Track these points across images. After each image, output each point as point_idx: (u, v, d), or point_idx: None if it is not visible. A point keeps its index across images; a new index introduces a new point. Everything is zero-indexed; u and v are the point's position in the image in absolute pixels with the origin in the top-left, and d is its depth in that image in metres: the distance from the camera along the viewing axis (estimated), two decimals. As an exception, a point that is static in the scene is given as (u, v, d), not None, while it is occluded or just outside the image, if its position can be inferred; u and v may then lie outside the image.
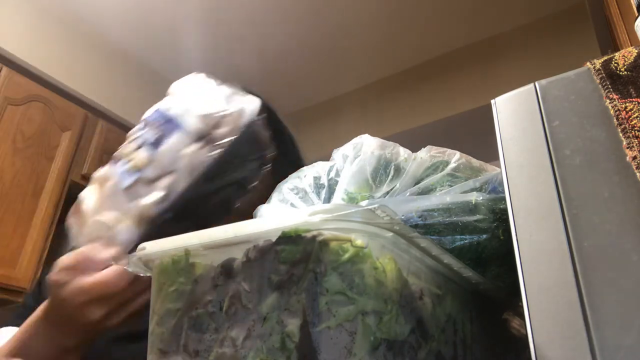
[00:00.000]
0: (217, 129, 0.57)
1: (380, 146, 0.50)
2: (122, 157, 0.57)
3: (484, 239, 0.43)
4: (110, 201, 0.54)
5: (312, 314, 0.28)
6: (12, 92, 2.10)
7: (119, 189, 0.54)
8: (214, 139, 0.57)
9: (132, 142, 0.58)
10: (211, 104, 0.59)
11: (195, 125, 0.57)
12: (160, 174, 0.55)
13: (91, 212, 0.55)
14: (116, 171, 0.55)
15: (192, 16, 2.51)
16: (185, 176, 0.54)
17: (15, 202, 2.04)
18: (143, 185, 0.54)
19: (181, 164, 0.55)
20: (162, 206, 0.53)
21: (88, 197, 0.56)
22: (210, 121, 0.57)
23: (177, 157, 0.55)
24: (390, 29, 2.56)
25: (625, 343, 0.30)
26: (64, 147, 2.26)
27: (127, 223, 0.53)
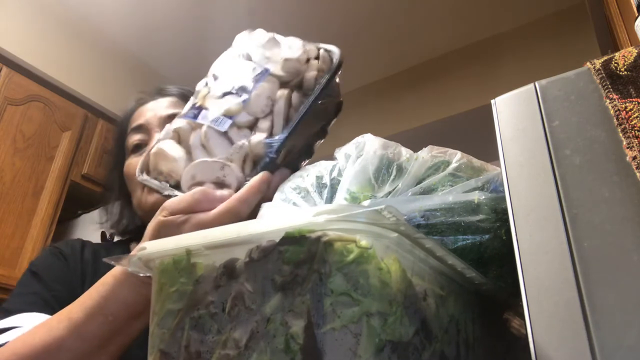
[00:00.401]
0: (305, 72, 0.58)
1: (382, 146, 0.50)
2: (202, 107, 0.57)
3: (486, 239, 0.43)
4: (210, 145, 0.54)
5: (317, 315, 0.28)
6: (12, 92, 2.10)
7: (216, 134, 0.54)
8: (304, 83, 0.58)
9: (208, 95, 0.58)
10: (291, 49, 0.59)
11: (282, 70, 0.58)
12: (255, 118, 0.55)
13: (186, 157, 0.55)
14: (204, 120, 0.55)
15: (192, 16, 2.51)
16: (283, 118, 0.55)
17: (15, 202, 2.04)
18: (238, 130, 0.55)
19: (276, 107, 0.55)
20: (269, 147, 0.53)
21: (170, 147, 0.56)
22: (296, 65, 0.58)
23: (270, 101, 0.56)
24: (391, 29, 2.56)
25: (625, 343, 0.30)
26: (64, 147, 2.26)
27: (234, 164, 0.53)
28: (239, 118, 0.55)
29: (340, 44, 1.83)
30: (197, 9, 2.47)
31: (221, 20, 2.52)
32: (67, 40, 2.49)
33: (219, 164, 0.53)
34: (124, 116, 0.86)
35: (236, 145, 0.54)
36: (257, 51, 0.60)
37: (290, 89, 0.57)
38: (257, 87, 0.56)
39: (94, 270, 0.75)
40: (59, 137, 2.26)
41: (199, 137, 0.55)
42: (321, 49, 0.61)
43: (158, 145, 0.57)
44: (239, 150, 0.53)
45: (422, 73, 2.78)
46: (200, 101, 0.58)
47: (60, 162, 2.23)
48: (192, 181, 0.53)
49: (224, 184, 0.52)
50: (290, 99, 0.56)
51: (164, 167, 0.55)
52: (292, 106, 0.57)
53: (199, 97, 0.59)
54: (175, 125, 0.58)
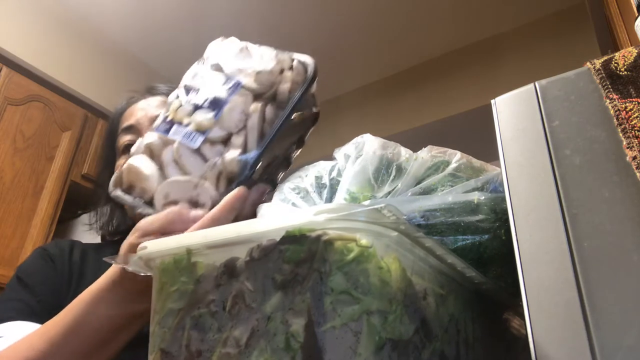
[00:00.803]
0: (279, 85, 0.57)
1: (382, 146, 0.50)
2: (173, 122, 0.56)
3: (486, 239, 0.43)
4: (183, 162, 0.53)
5: (317, 314, 0.28)
6: (12, 92, 2.11)
7: (188, 151, 0.53)
8: (278, 96, 0.57)
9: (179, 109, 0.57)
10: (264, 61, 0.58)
11: (255, 83, 0.56)
12: (229, 133, 0.54)
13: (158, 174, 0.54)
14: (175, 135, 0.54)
15: (192, 17, 2.51)
16: (257, 133, 0.54)
17: (15, 202, 2.04)
18: (211, 145, 0.54)
19: (250, 122, 0.54)
20: (242, 163, 0.53)
21: (143, 163, 0.55)
22: (270, 77, 0.57)
23: (243, 115, 0.54)
24: (391, 29, 2.56)
25: (625, 343, 0.30)
26: (64, 147, 2.26)
27: (208, 183, 0.52)
28: (211, 133, 0.54)
29: (340, 44, 1.84)
30: (198, 10, 2.47)
31: (222, 20, 2.52)
32: (67, 40, 2.49)
33: (192, 183, 0.52)
34: (115, 115, 0.85)
35: (209, 163, 0.53)
36: (229, 62, 0.59)
37: (264, 102, 0.56)
38: (230, 101, 0.55)
39: (80, 272, 0.75)
40: (59, 137, 2.26)
41: (172, 153, 0.54)
42: (295, 60, 0.59)
43: (130, 161, 0.56)
44: (212, 168, 0.52)
45: (422, 73, 2.78)
46: (172, 115, 0.57)
47: (60, 162, 2.23)
48: (166, 200, 0.52)
49: (197, 203, 0.51)
50: (264, 112, 0.55)
51: (137, 183, 0.54)
52: (266, 120, 0.55)
53: (170, 110, 0.58)
54: (147, 140, 0.57)
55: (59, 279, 0.73)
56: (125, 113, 0.82)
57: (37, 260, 0.75)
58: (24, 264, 0.75)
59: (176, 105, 0.58)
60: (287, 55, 0.60)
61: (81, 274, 0.75)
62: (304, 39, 2.61)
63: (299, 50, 0.62)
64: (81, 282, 0.73)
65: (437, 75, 2.71)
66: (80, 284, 0.73)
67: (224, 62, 0.59)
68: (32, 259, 0.76)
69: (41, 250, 0.77)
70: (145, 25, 2.58)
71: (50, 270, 0.74)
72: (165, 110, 0.60)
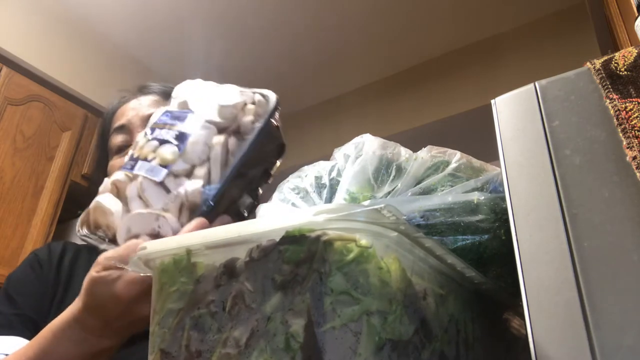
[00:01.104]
0: (241, 117, 0.58)
1: (381, 146, 0.50)
2: (138, 158, 0.57)
3: (486, 239, 0.43)
4: (146, 195, 0.54)
5: (317, 314, 0.28)
6: (12, 92, 2.10)
7: (151, 184, 0.54)
8: (241, 128, 0.58)
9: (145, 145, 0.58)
10: (227, 96, 0.60)
11: (219, 116, 0.58)
12: (192, 165, 0.55)
13: (122, 210, 0.54)
14: (140, 170, 0.55)
15: (193, 18, 2.51)
16: (220, 164, 0.55)
17: (15, 202, 2.04)
18: (174, 178, 0.54)
19: (213, 154, 0.55)
20: (206, 194, 0.53)
21: (108, 200, 0.56)
22: (233, 110, 0.58)
23: (207, 147, 0.55)
24: (391, 29, 2.56)
25: (625, 343, 0.30)
26: (64, 147, 2.26)
27: (170, 214, 0.53)
28: (175, 166, 0.54)
29: (340, 44, 1.84)
30: (198, 10, 2.47)
31: (222, 21, 2.52)
32: (67, 40, 2.50)
33: (154, 215, 0.52)
34: (106, 115, 0.85)
35: (171, 194, 0.53)
36: (194, 99, 0.61)
37: (227, 135, 0.57)
38: (193, 135, 0.56)
39: (69, 275, 0.75)
40: (59, 137, 2.26)
41: (136, 188, 0.55)
42: (257, 94, 0.61)
43: (96, 199, 0.57)
44: (174, 200, 0.53)
45: (422, 73, 2.78)
46: (138, 152, 0.58)
47: (60, 162, 2.23)
48: (128, 234, 0.52)
49: (159, 235, 0.51)
50: (227, 144, 0.56)
51: (102, 221, 0.55)
52: (229, 152, 0.56)
53: (137, 148, 0.59)
54: (114, 177, 0.58)
55: (42, 288, 0.73)
56: (117, 113, 0.82)
57: (25, 268, 0.76)
58: (13, 273, 0.76)
59: (142, 142, 0.59)
60: (249, 91, 0.62)
61: (70, 276, 0.75)
62: (304, 39, 2.61)
63: (300, 50, 0.62)
64: (70, 284, 0.74)
65: (437, 75, 2.71)
66: (69, 287, 0.74)
67: (189, 99, 0.61)
68: (21, 268, 0.76)
69: (32, 257, 0.78)
70: (145, 26, 2.58)
71: (35, 279, 0.74)
72: (133, 148, 0.61)
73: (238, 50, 2.70)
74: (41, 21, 2.39)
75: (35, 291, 0.72)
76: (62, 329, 0.50)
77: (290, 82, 2.92)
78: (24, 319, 0.67)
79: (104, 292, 0.47)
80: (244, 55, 2.73)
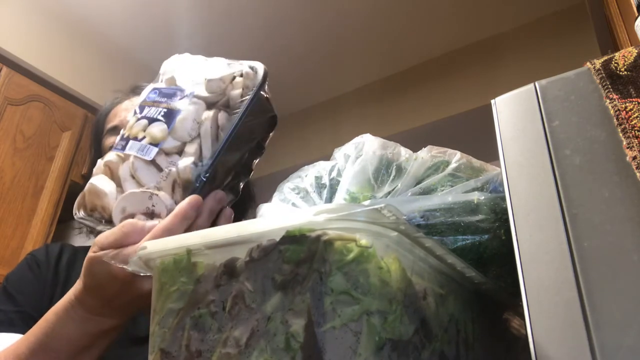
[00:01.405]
0: (230, 91, 0.58)
1: (381, 146, 0.50)
2: (129, 138, 0.57)
3: (486, 239, 0.43)
4: (138, 175, 0.54)
5: (317, 314, 0.28)
6: (12, 92, 2.10)
7: (143, 163, 0.54)
8: (230, 102, 0.57)
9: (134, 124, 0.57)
10: (215, 69, 0.59)
11: (207, 91, 0.57)
12: (182, 142, 0.55)
13: (116, 191, 0.55)
14: (131, 150, 0.55)
15: (193, 18, 2.51)
16: (211, 140, 0.55)
17: (15, 202, 2.04)
18: (165, 156, 0.54)
19: (203, 129, 0.55)
20: (198, 170, 0.53)
21: (102, 182, 0.56)
22: (220, 84, 0.57)
23: (196, 124, 0.55)
24: (390, 29, 2.56)
25: (625, 343, 0.30)
26: (64, 147, 2.26)
27: (163, 192, 0.53)
28: (165, 144, 0.54)
29: (340, 44, 1.84)
30: (198, 10, 2.47)
31: (222, 21, 2.52)
32: (67, 40, 2.50)
33: (147, 193, 0.52)
34: (100, 116, 0.85)
35: (164, 172, 0.53)
36: (181, 75, 0.60)
37: (216, 110, 0.57)
38: (182, 111, 0.55)
39: (67, 276, 0.76)
40: (59, 137, 2.26)
41: (128, 168, 0.55)
42: (244, 66, 0.61)
43: (90, 181, 0.57)
44: (167, 177, 0.53)
45: (422, 73, 2.78)
46: (128, 131, 0.58)
47: (60, 162, 2.23)
48: (123, 214, 0.53)
49: (153, 214, 0.51)
50: (216, 119, 0.56)
51: (97, 202, 0.55)
52: (219, 127, 0.56)
53: (127, 128, 0.59)
54: (106, 159, 0.58)
55: (41, 287, 0.73)
56: (110, 114, 0.82)
57: (23, 268, 0.76)
58: (11, 273, 0.76)
59: (132, 122, 0.59)
60: (237, 63, 0.61)
61: (68, 277, 0.75)
62: (304, 39, 2.61)
63: (300, 49, 0.62)
64: (67, 286, 0.74)
65: (437, 75, 2.71)
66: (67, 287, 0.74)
67: (177, 75, 0.61)
68: (19, 267, 0.77)
69: (30, 257, 0.78)
70: (146, 25, 2.58)
71: (34, 278, 0.74)
72: (123, 129, 0.61)
73: (238, 50, 2.70)
74: (41, 21, 2.39)
75: (34, 290, 0.72)
76: (66, 309, 0.51)
77: (290, 82, 2.92)
78: (25, 316, 0.67)
79: (101, 271, 0.47)
80: (244, 55, 2.72)
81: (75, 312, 0.50)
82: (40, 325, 0.52)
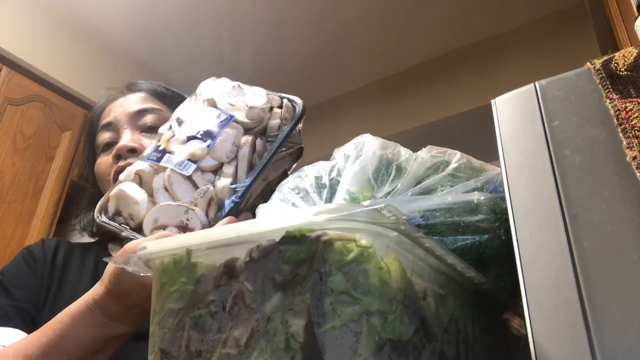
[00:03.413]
0: (268, 120, 0.60)
1: (381, 146, 0.50)
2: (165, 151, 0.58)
3: (486, 239, 0.43)
4: (174, 188, 0.55)
5: (317, 314, 0.28)
6: (12, 92, 2.10)
7: (180, 177, 0.55)
8: (268, 130, 0.60)
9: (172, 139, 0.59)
10: (256, 98, 0.61)
11: (247, 117, 0.59)
12: (220, 163, 0.57)
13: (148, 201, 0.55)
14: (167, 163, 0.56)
15: (193, 18, 2.51)
16: (247, 164, 0.57)
17: (15, 202, 2.04)
18: (202, 174, 0.56)
19: (241, 153, 0.57)
20: (234, 191, 0.54)
21: (133, 189, 0.57)
22: (260, 113, 0.60)
23: (234, 147, 0.57)
24: (390, 29, 2.56)
25: (625, 343, 0.30)
26: (64, 147, 2.26)
27: (198, 208, 0.54)
28: (203, 162, 0.56)
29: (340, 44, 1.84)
30: (198, 11, 2.47)
31: (222, 22, 2.52)
32: (67, 40, 2.49)
33: (183, 207, 0.53)
34: (94, 113, 0.85)
35: (201, 189, 0.54)
36: (222, 98, 0.62)
37: (254, 136, 0.59)
38: (222, 133, 0.57)
39: (63, 272, 0.75)
40: (59, 137, 2.26)
41: (162, 180, 0.56)
42: (284, 99, 0.63)
43: (119, 187, 0.58)
44: (204, 195, 0.54)
45: (422, 73, 2.78)
46: (164, 144, 0.59)
47: (60, 162, 2.23)
48: (155, 224, 0.53)
49: (187, 228, 0.52)
50: (254, 145, 0.58)
51: (125, 209, 0.56)
52: (255, 152, 0.58)
53: (162, 140, 0.60)
54: (137, 167, 0.58)
55: (38, 282, 0.73)
56: (104, 111, 0.82)
57: (19, 262, 0.76)
58: (7, 266, 0.76)
59: (169, 135, 0.60)
60: (276, 95, 0.64)
61: (64, 273, 0.75)
62: (304, 39, 2.61)
63: (300, 50, 0.63)
64: (63, 281, 0.74)
65: (437, 75, 2.71)
66: (63, 282, 0.74)
67: (217, 97, 0.62)
68: (15, 262, 0.77)
69: (26, 252, 0.78)
70: (146, 26, 2.58)
71: (30, 273, 0.74)
72: (157, 140, 0.62)
73: (238, 50, 2.70)
74: (41, 21, 2.39)
75: (30, 285, 0.72)
76: (82, 312, 0.51)
77: (290, 82, 2.92)
78: (21, 311, 0.67)
79: (130, 278, 0.48)
80: (245, 55, 2.73)
81: (93, 316, 0.50)
82: (52, 327, 0.52)
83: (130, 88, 0.84)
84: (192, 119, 0.61)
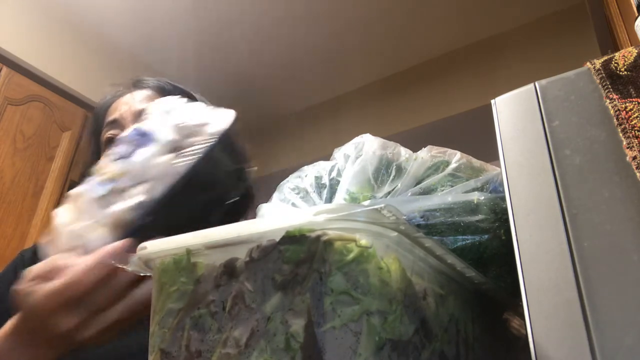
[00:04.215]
0: (190, 138, 0.57)
1: (381, 146, 0.50)
2: (95, 172, 0.58)
3: (486, 239, 0.43)
4: (84, 212, 0.54)
5: (317, 314, 0.28)
6: (12, 92, 2.10)
7: (91, 199, 0.55)
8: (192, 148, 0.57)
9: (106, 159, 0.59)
10: (184, 116, 0.59)
11: (168, 136, 0.57)
12: (134, 183, 0.55)
13: (64, 225, 0.55)
14: (89, 184, 0.56)
15: (193, 19, 2.51)
16: (160, 184, 0.54)
17: (15, 202, 2.04)
18: (117, 194, 0.55)
19: (154, 172, 0.55)
20: (138, 212, 0.52)
21: (61, 214, 0.57)
22: (183, 131, 0.57)
23: (149, 166, 0.55)
24: (390, 29, 2.56)
25: (625, 343, 0.30)
26: (64, 147, 2.26)
27: (101, 230, 0.52)
28: (119, 183, 0.55)
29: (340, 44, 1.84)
30: (199, 11, 2.47)
31: (222, 22, 2.52)
32: (67, 40, 2.50)
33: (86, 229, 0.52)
34: (100, 109, 0.85)
35: (107, 210, 0.53)
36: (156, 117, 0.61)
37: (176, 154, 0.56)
38: (139, 152, 0.56)
39: None
40: (59, 137, 2.26)
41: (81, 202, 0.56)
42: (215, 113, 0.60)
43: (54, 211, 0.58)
44: (110, 215, 0.53)
45: (422, 73, 2.78)
46: (97, 167, 0.59)
47: (60, 162, 2.23)
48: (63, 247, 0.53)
49: (87, 251, 0.51)
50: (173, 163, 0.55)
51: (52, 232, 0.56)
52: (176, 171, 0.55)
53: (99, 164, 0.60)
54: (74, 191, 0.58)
55: None
56: (110, 107, 0.81)
57: (10, 269, 0.76)
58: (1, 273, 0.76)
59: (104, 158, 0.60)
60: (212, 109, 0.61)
61: None
62: (303, 39, 2.61)
63: (300, 49, 0.62)
64: None
65: (437, 75, 2.71)
66: None
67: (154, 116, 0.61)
68: (8, 268, 0.77)
69: (18, 258, 0.78)
70: (146, 25, 2.58)
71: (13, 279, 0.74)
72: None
73: (238, 50, 2.70)
74: (41, 21, 2.39)
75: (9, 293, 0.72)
76: (6, 339, 0.50)
77: (290, 82, 2.92)
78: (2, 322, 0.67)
79: (24, 304, 0.47)
80: (245, 56, 2.73)
81: (11, 341, 0.49)
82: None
83: (136, 85, 0.83)
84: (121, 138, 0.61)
